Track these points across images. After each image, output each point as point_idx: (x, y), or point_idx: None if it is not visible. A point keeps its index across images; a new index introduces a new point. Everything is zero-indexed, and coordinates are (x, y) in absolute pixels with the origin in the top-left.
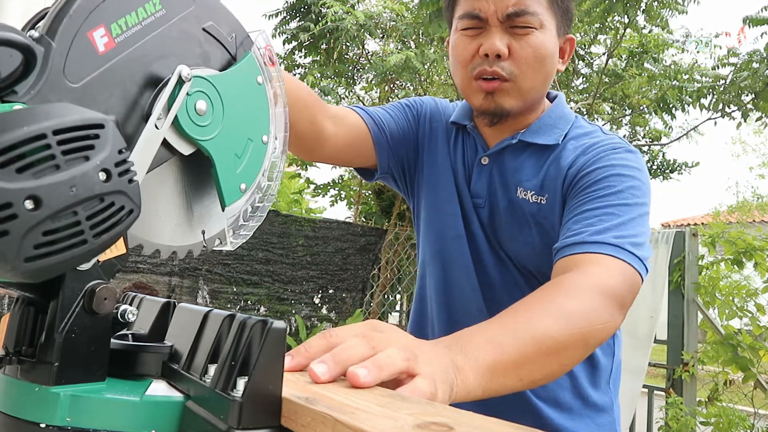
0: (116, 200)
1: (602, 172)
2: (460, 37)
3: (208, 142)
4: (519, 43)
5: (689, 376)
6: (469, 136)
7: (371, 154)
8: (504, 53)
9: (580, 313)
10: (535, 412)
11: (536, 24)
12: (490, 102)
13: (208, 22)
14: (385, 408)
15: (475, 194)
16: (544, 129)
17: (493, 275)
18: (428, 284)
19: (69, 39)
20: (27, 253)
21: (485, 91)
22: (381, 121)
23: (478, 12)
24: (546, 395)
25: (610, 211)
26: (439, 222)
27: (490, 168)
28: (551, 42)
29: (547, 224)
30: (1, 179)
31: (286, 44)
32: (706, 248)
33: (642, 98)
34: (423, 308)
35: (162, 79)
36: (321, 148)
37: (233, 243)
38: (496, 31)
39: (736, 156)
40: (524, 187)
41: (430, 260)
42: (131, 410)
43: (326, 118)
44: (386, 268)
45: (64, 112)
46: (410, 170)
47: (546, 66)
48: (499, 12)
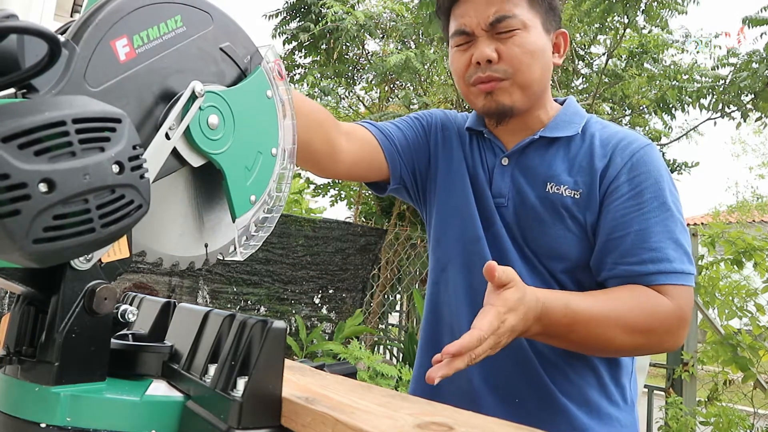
0: (127, 193)
1: (643, 180)
2: (454, 54)
3: (220, 155)
4: (506, 45)
5: (689, 376)
6: (485, 140)
7: (383, 166)
8: (494, 57)
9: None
10: (563, 411)
11: (519, 25)
12: (491, 101)
13: (226, 43)
14: (385, 408)
15: (497, 194)
16: (562, 125)
17: (518, 273)
18: (443, 290)
19: (92, 46)
20: (36, 234)
21: (484, 92)
22: (390, 133)
23: (464, 27)
24: (575, 394)
25: (661, 230)
26: (456, 226)
27: (512, 168)
28: (539, 38)
29: (581, 216)
30: (19, 160)
31: (286, 44)
32: (705, 248)
33: (642, 98)
34: (438, 315)
35: (177, 92)
36: (336, 165)
37: (243, 253)
38: (483, 40)
39: (736, 156)
40: (556, 182)
41: (448, 265)
42: (131, 410)
43: (340, 135)
44: (386, 268)
45: (85, 103)
46: (422, 179)
47: (539, 59)
48: (482, 22)
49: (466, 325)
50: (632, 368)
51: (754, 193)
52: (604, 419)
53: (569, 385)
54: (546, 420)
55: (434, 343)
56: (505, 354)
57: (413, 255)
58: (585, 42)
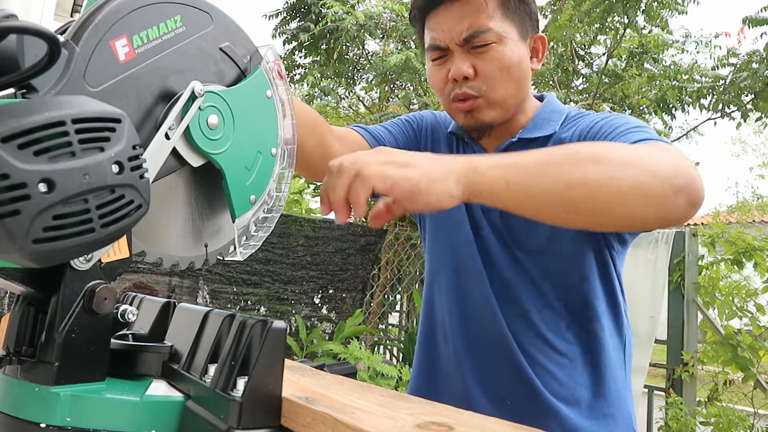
0: (126, 193)
1: (604, 121)
2: (431, 68)
3: (220, 155)
4: (482, 61)
5: (689, 376)
6: (467, 144)
7: None
8: (470, 74)
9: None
10: (553, 411)
11: (494, 39)
12: (471, 119)
13: (225, 43)
14: (385, 408)
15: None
16: (540, 123)
17: (507, 276)
18: (437, 293)
19: (92, 46)
20: (36, 234)
21: (463, 110)
22: (381, 137)
23: (439, 42)
24: (565, 394)
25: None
26: (447, 232)
27: None
28: (515, 50)
29: None
30: (19, 160)
31: (286, 44)
32: (705, 248)
33: (642, 98)
34: (432, 314)
35: (176, 92)
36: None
37: (243, 253)
38: (458, 56)
39: (736, 156)
40: None
41: (440, 270)
42: (131, 410)
43: (333, 139)
44: (386, 268)
45: (84, 102)
46: None
47: (514, 73)
48: (456, 38)
49: (458, 327)
50: (625, 364)
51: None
52: (597, 416)
53: (558, 384)
54: (536, 421)
55: (430, 344)
56: (496, 357)
57: (413, 255)
58: (585, 42)
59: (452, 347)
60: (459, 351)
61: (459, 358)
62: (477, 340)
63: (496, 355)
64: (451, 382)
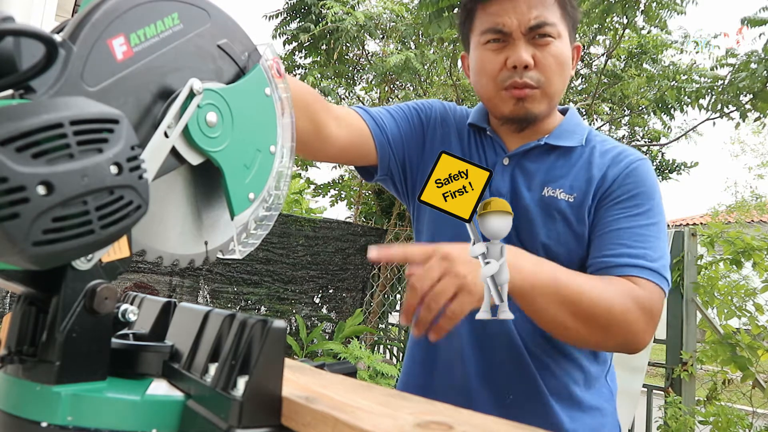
0: (125, 194)
1: (633, 188)
2: (484, 52)
3: (218, 153)
4: (542, 52)
5: (688, 376)
6: (487, 138)
7: (373, 154)
8: (531, 64)
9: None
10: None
11: (555, 34)
12: (521, 108)
13: (223, 40)
14: (385, 407)
15: (495, 193)
16: (565, 134)
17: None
18: None
19: (89, 45)
20: (35, 237)
21: (516, 98)
22: (382, 121)
23: (502, 27)
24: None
25: (644, 233)
26: (452, 225)
27: (512, 168)
28: (567, 49)
29: (574, 219)
30: (17, 163)
31: (287, 45)
32: (704, 248)
33: (641, 99)
34: None
35: (174, 90)
36: (324, 147)
37: (241, 251)
38: (521, 44)
39: (735, 156)
40: (553, 186)
41: None
42: (132, 409)
43: (330, 119)
44: (386, 268)
45: (82, 104)
46: (412, 172)
47: (565, 71)
48: (522, 25)
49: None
50: (610, 363)
51: (753, 192)
52: (585, 409)
53: (556, 382)
54: (535, 418)
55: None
56: (502, 353)
57: None
58: (584, 42)
59: (456, 339)
60: (463, 344)
61: (463, 350)
62: (483, 333)
63: (501, 350)
64: (451, 373)
